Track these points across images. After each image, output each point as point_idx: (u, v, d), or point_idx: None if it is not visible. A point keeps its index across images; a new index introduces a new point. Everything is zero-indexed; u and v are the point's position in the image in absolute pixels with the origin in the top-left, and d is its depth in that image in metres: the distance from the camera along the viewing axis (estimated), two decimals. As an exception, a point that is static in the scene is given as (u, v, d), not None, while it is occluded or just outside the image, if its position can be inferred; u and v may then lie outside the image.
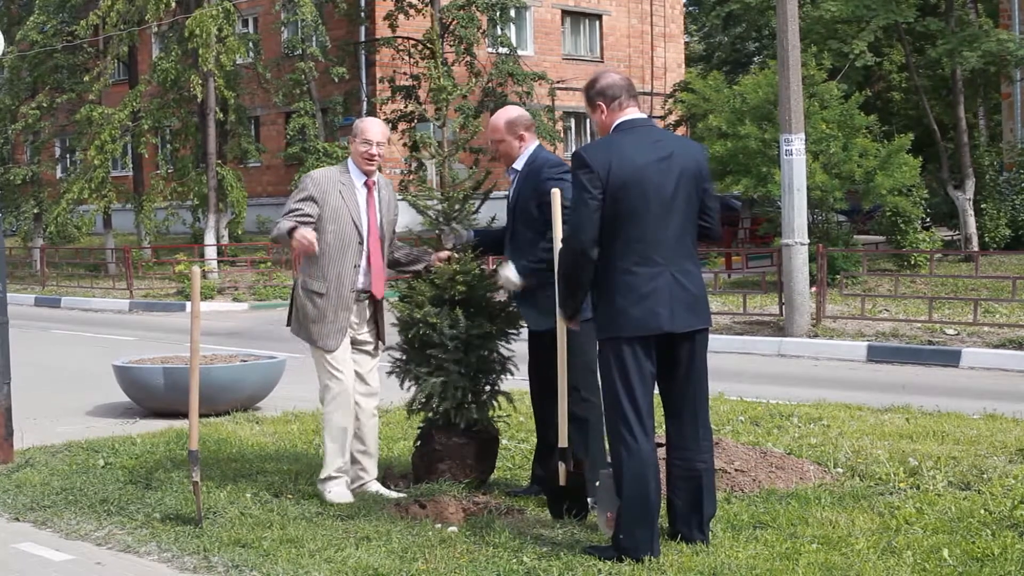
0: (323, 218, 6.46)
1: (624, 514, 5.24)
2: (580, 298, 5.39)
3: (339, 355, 6.51)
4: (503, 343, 6.59)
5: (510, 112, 6.60)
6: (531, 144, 6.47)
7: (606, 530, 5.49)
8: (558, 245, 5.68)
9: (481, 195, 6.75)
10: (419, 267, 6.69)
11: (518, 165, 6.43)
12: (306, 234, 6.25)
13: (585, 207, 5.22)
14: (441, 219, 6.64)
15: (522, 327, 6.60)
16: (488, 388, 6.60)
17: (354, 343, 6.65)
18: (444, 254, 6.56)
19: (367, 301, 6.65)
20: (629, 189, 5.21)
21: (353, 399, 6.55)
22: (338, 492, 6.50)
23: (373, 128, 6.56)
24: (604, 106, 5.49)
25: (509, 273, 6.26)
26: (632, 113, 5.47)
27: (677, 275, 5.27)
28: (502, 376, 6.65)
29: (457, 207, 6.63)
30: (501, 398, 6.68)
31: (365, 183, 6.59)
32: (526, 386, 6.67)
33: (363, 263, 6.56)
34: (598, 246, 5.24)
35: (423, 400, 6.49)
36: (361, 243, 6.52)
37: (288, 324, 6.76)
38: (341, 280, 6.48)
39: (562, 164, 6.33)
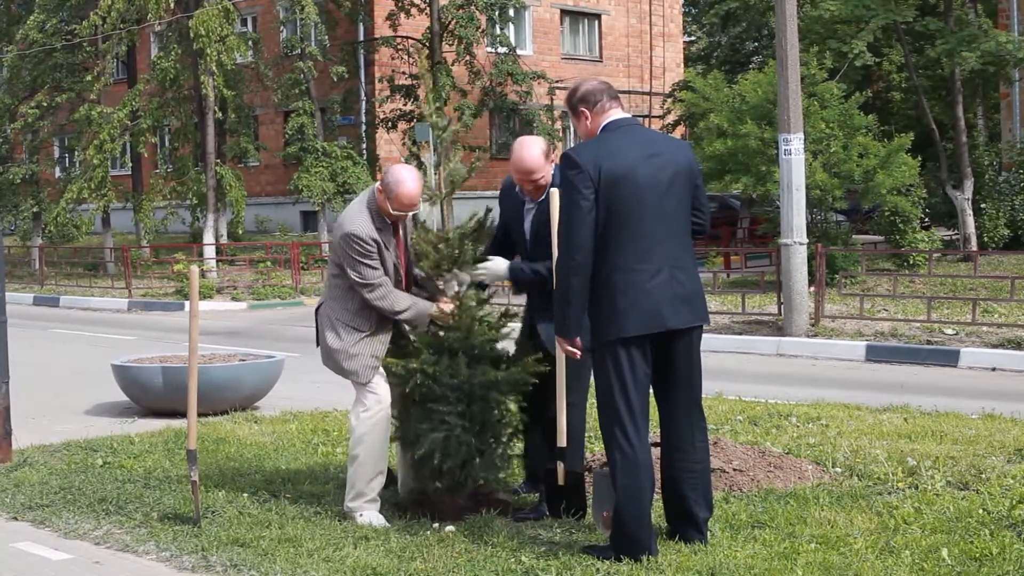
0: None
1: (620, 515, 5.24)
2: (577, 308, 5.20)
3: (381, 372, 6.16)
4: (512, 397, 6.09)
5: (538, 143, 6.02)
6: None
7: (603, 529, 5.49)
8: (556, 243, 5.67)
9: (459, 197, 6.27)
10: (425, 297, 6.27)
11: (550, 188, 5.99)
12: (443, 309, 6.06)
13: (578, 208, 5.17)
14: (443, 265, 6.13)
15: (534, 380, 6.11)
16: (499, 450, 6.11)
17: None
18: (447, 303, 6.10)
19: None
20: (622, 186, 5.18)
21: (390, 415, 6.16)
22: (371, 515, 6.05)
23: (413, 199, 6.04)
24: (587, 112, 5.45)
25: (497, 266, 6.08)
26: (616, 113, 5.43)
27: (675, 272, 5.24)
28: (515, 437, 6.21)
29: (456, 250, 6.11)
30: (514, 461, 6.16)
31: (390, 224, 6.21)
32: None
33: None
34: (594, 247, 5.19)
35: (424, 456, 5.97)
36: (397, 285, 6.22)
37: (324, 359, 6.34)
38: (382, 322, 6.17)
39: None
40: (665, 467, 5.48)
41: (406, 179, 6.04)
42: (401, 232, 6.28)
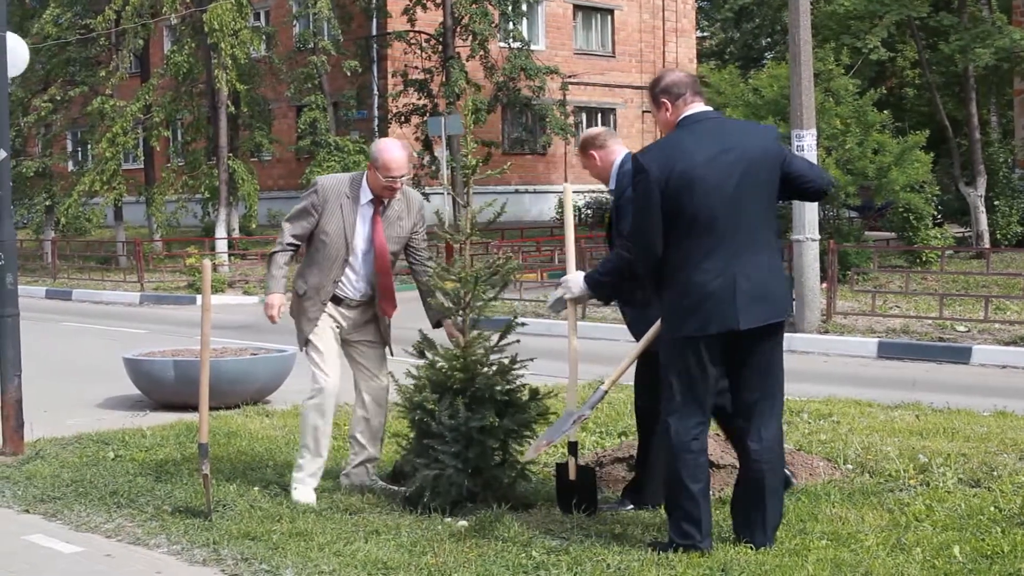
0: (318, 227, 6.44)
1: (670, 505, 5.29)
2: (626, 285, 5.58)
3: (328, 356, 6.45)
4: (514, 442, 6.14)
5: (584, 134, 6.24)
6: (617, 157, 6.05)
7: (530, 453, 5.93)
8: (570, 239, 5.71)
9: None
10: (431, 312, 6.51)
11: (612, 184, 6.06)
12: (273, 306, 6.53)
13: (645, 212, 5.19)
14: (456, 303, 6.20)
15: (535, 432, 6.20)
16: (499, 491, 6.06)
17: (353, 342, 6.64)
18: (457, 333, 6.24)
19: (359, 308, 6.58)
20: (688, 188, 5.12)
21: (334, 402, 6.49)
22: (302, 492, 6.40)
23: (397, 164, 6.26)
24: (669, 103, 5.39)
25: (573, 283, 5.94)
26: (696, 107, 5.37)
27: (746, 269, 5.15)
28: (521, 478, 6.18)
29: (468, 292, 6.16)
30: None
31: (371, 201, 6.43)
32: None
33: (351, 277, 6.48)
34: (663, 246, 5.18)
35: (415, 492, 6.07)
36: (347, 260, 6.44)
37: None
38: (318, 289, 6.50)
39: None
40: (740, 465, 5.46)
41: (389, 147, 6.33)
42: (381, 215, 6.42)
